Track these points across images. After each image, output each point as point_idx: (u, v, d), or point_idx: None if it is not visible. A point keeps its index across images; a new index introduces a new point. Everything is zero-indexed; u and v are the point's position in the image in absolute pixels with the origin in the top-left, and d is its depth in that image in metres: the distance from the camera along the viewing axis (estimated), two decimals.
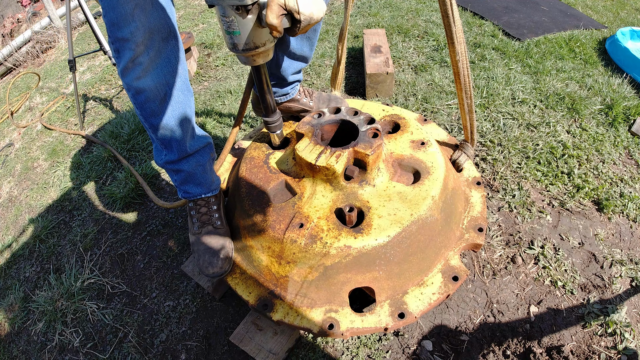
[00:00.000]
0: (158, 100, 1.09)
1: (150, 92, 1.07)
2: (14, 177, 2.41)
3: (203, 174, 1.30)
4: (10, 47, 3.87)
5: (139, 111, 1.12)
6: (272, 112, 1.25)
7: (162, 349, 1.40)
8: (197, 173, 1.28)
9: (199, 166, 1.28)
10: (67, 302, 1.58)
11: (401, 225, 1.11)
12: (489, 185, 1.78)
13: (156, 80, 1.06)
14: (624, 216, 1.62)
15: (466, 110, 1.39)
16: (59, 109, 2.94)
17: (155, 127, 1.15)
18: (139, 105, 1.10)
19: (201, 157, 1.29)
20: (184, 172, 1.27)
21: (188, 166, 1.26)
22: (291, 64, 1.37)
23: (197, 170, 1.28)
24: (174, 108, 1.13)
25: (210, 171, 1.34)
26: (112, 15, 0.91)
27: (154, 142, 1.23)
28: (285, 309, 1.13)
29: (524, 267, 1.48)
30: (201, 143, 1.28)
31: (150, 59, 1.02)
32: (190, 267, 1.45)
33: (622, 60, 2.48)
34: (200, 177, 1.30)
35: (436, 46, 2.80)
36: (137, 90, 1.05)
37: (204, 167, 1.30)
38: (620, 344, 1.24)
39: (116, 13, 0.90)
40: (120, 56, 0.98)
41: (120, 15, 0.91)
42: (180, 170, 1.27)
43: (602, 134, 1.97)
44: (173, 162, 1.24)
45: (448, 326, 1.34)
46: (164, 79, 1.08)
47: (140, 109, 1.10)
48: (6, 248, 1.94)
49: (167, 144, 1.20)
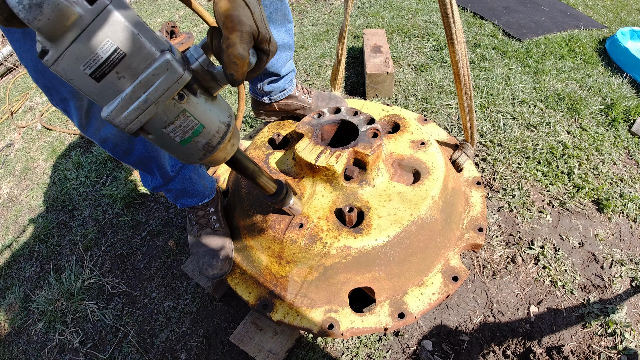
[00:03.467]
0: (126, 139, 1.03)
1: (115, 137, 1.00)
2: (14, 177, 2.41)
3: (193, 186, 1.29)
4: (10, 47, 3.87)
5: (112, 154, 1.06)
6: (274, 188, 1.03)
7: (162, 349, 1.40)
8: (187, 187, 1.27)
9: (187, 180, 1.26)
10: (67, 302, 1.58)
11: (401, 226, 1.11)
12: (489, 185, 1.78)
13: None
14: (624, 216, 1.62)
15: (466, 110, 1.39)
16: None
17: (133, 163, 1.11)
18: (109, 151, 1.04)
19: (185, 171, 1.25)
20: (174, 190, 1.26)
21: (176, 185, 1.24)
22: (278, 57, 1.34)
23: (186, 184, 1.26)
24: (141, 140, 1.08)
25: (200, 179, 1.31)
26: (42, 80, 0.84)
27: (139, 171, 1.20)
28: (285, 309, 1.13)
29: (524, 267, 1.48)
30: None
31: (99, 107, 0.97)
32: (190, 267, 1.45)
33: (622, 60, 2.48)
34: (192, 189, 1.29)
35: (436, 46, 2.80)
36: (102, 140, 0.99)
37: (192, 180, 1.28)
38: (620, 344, 1.24)
39: (46, 77, 0.83)
40: (70, 115, 0.92)
41: (50, 78, 0.83)
42: (170, 190, 1.26)
43: (602, 134, 1.97)
44: (160, 187, 1.23)
45: (448, 326, 1.34)
46: None
47: (112, 153, 1.05)
48: (6, 248, 1.94)
49: (150, 171, 1.17)
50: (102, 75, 0.53)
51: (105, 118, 0.56)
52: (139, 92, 0.55)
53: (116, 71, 0.53)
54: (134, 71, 0.54)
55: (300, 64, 2.83)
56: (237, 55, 0.57)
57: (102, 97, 0.55)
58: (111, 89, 0.54)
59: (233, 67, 0.58)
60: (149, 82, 0.55)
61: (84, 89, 0.54)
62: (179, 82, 0.57)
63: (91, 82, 0.53)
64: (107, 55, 0.51)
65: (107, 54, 0.51)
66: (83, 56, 0.50)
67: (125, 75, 0.54)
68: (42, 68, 0.82)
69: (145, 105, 0.56)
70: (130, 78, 0.54)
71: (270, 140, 1.44)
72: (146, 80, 0.55)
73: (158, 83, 0.56)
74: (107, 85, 0.54)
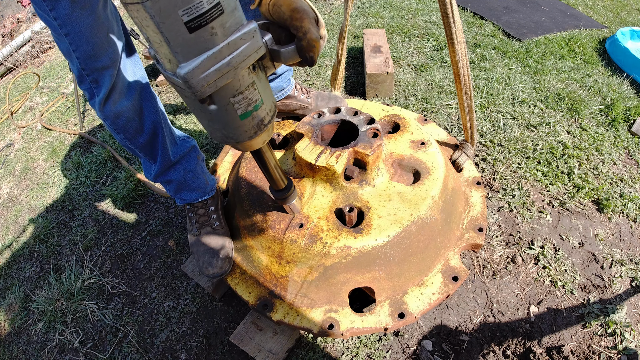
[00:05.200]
0: (137, 116, 1.05)
1: (129, 111, 1.02)
2: (14, 177, 2.41)
3: (195, 179, 1.29)
4: (10, 47, 3.87)
5: (122, 135, 1.07)
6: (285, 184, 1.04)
7: (162, 349, 1.40)
8: (189, 180, 1.27)
9: (189, 172, 1.26)
10: (67, 302, 1.58)
11: (401, 226, 1.11)
12: (489, 185, 1.78)
13: (131, 96, 1.02)
14: (624, 216, 1.62)
15: (466, 110, 1.39)
16: (59, 109, 2.93)
17: (143, 144, 1.11)
18: (121, 129, 1.05)
19: (188, 163, 1.26)
20: (175, 181, 1.26)
21: (177, 175, 1.24)
22: None
23: (188, 177, 1.27)
24: (151, 116, 1.10)
25: (202, 174, 1.32)
26: (86, 48, 0.87)
27: (142, 159, 1.20)
28: (285, 309, 1.13)
29: (524, 267, 1.48)
30: (185, 148, 1.25)
31: (122, 77, 0.97)
32: (190, 267, 1.45)
33: (622, 60, 2.48)
34: (193, 183, 1.29)
35: (436, 46, 2.80)
36: (117, 114, 1.01)
37: (194, 172, 1.28)
38: (620, 344, 1.24)
39: (91, 44, 0.86)
40: (99, 86, 0.94)
41: (96, 45, 0.87)
42: (171, 181, 1.26)
43: (602, 134, 1.97)
44: (161, 174, 1.23)
45: (448, 326, 1.34)
46: (137, 92, 1.04)
47: (124, 132, 1.06)
48: (6, 248, 1.94)
49: (154, 156, 1.17)
50: (197, 27, 0.51)
51: (184, 75, 0.54)
52: (225, 53, 0.55)
53: (212, 26, 0.52)
54: (226, 31, 0.54)
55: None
56: (315, 39, 0.63)
57: (186, 51, 0.53)
58: (200, 44, 0.53)
59: (313, 50, 0.64)
60: (235, 45, 0.55)
61: (170, 36, 0.50)
62: (257, 52, 0.59)
63: (183, 31, 0.51)
64: (209, 6, 0.50)
65: (209, 5, 0.50)
66: (187, 0, 0.48)
67: (218, 33, 0.53)
68: (89, 35, 0.83)
69: (227, 68, 0.56)
70: (222, 37, 0.54)
71: (270, 140, 1.44)
72: (234, 42, 0.55)
73: (243, 48, 0.56)
74: (198, 39, 0.52)
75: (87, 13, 0.83)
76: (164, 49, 0.53)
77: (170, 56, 0.54)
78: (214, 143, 2.21)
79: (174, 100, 2.69)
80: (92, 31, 0.85)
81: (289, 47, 0.64)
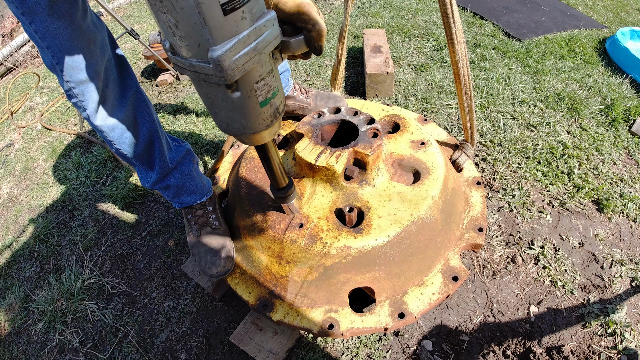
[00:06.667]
0: (132, 126, 1.03)
1: (123, 122, 1.00)
2: (14, 177, 2.41)
3: (192, 182, 1.28)
4: (10, 47, 3.87)
5: (118, 147, 1.05)
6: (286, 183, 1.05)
7: (162, 349, 1.40)
8: (186, 183, 1.27)
9: (186, 176, 1.26)
10: (67, 302, 1.58)
11: (401, 226, 1.11)
12: (489, 185, 1.78)
13: (124, 108, 1.00)
14: (624, 216, 1.62)
15: (466, 110, 1.39)
16: (59, 109, 2.94)
17: (139, 154, 1.10)
18: (116, 141, 1.03)
19: (184, 167, 1.26)
20: (174, 186, 1.25)
21: (175, 180, 1.24)
22: None
23: (185, 180, 1.26)
24: (147, 125, 1.08)
25: (198, 176, 1.32)
26: (67, 59, 0.84)
27: (138, 167, 1.19)
28: (285, 309, 1.13)
29: (524, 267, 1.48)
30: (180, 153, 1.25)
31: (111, 89, 0.96)
32: (190, 267, 1.45)
33: (622, 60, 2.48)
34: (191, 186, 1.28)
35: (436, 46, 2.80)
36: (111, 127, 0.99)
37: (191, 176, 1.28)
38: (620, 344, 1.24)
39: (72, 55, 0.84)
40: (85, 99, 0.91)
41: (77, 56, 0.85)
42: (169, 186, 1.25)
43: (602, 134, 1.97)
44: (160, 181, 1.22)
45: (448, 326, 1.34)
46: (130, 103, 1.02)
47: (119, 144, 1.04)
48: (6, 248, 1.94)
49: (152, 164, 1.16)
50: (231, 10, 0.53)
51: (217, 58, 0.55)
52: (252, 38, 0.58)
53: (242, 10, 0.54)
54: (253, 16, 0.57)
55: (300, 64, 2.82)
56: (324, 29, 0.68)
57: (219, 33, 0.54)
58: (232, 27, 0.55)
59: (322, 40, 0.69)
60: (260, 30, 0.58)
61: (207, 16, 0.52)
62: (276, 39, 0.63)
63: (218, 12, 0.52)
64: None
65: None
66: None
67: (247, 18, 0.56)
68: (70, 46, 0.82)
69: (254, 52, 0.59)
70: (250, 22, 0.57)
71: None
72: (259, 28, 0.58)
73: (266, 34, 0.59)
74: (230, 22, 0.54)
75: (65, 24, 0.81)
76: (196, 33, 0.54)
77: (202, 39, 0.55)
78: (214, 143, 2.21)
79: (174, 101, 2.69)
80: (72, 42, 0.83)
81: (298, 38, 0.68)
